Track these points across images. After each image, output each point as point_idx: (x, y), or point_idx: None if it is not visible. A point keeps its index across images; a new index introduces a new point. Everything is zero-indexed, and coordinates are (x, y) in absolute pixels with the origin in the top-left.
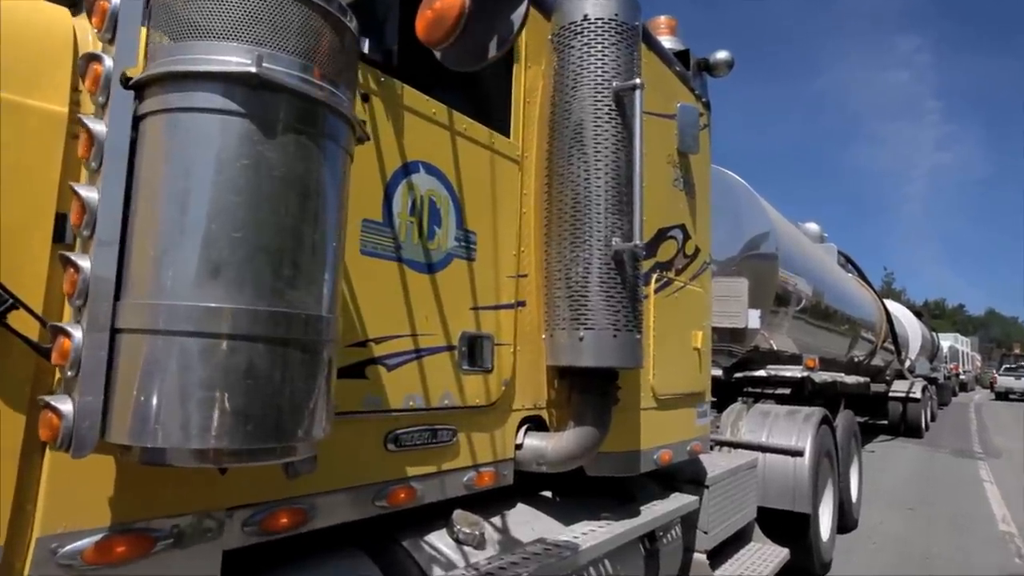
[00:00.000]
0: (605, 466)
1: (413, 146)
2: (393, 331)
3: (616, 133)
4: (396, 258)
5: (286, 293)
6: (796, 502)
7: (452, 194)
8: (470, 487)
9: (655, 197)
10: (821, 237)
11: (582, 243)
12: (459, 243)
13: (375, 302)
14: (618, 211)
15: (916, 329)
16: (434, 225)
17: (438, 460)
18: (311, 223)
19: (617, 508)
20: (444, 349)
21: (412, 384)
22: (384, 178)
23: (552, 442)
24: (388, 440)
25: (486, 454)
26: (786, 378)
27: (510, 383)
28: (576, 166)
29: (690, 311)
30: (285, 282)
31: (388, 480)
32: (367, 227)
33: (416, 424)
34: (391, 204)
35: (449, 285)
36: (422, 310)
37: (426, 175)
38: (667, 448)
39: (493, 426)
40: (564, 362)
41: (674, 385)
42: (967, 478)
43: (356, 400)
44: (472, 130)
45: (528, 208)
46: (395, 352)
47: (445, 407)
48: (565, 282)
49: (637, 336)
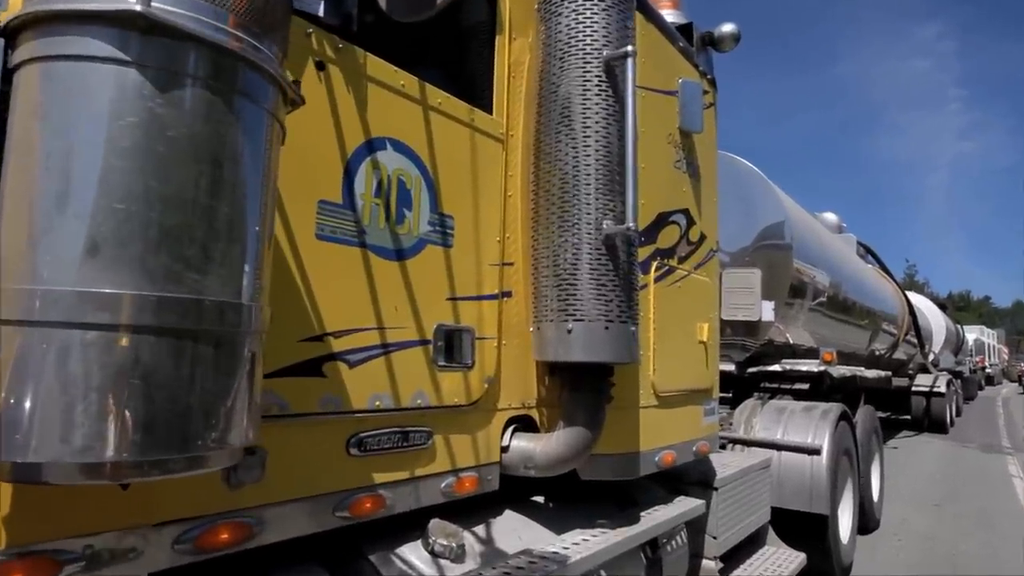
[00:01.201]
0: (600, 469)
1: (378, 121)
2: (356, 324)
3: (607, 107)
4: (359, 243)
5: (187, 277)
6: (813, 503)
7: (425, 174)
8: (449, 494)
9: (654, 179)
10: (839, 227)
11: (570, 227)
12: (433, 228)
13: (334, 292)
14: (609, 191)
15: (940, 321)
16: (404, 208)
17: (411, 465)
18: (222, 195)
19: (616, 514)
20: (417, 344)
21: (379, 382)
22: (343, 155)
23: (541, 444)
24: (351, 444)
25: (467, 458)
26: (802, 373)
27: (494, 380)
28: (564, 143)
29: (695, 302)
30: (186, 264)
31: (351, 488)
32: (324, 209)
33: (384, 426)
34: (352, 184)
35: (422, 274)
36: (391, 301)
37: (394, 153)
38: (670, 449)
39: (475, 427)
40: (551, 357)
41: (677, 381)
42: (995, 474)
43: (312, 400)
44: (448, 105)
45: (514, 191)
46: (358, 347)
47: (418, 407)
48: (553, 270)
49: (632, 328)
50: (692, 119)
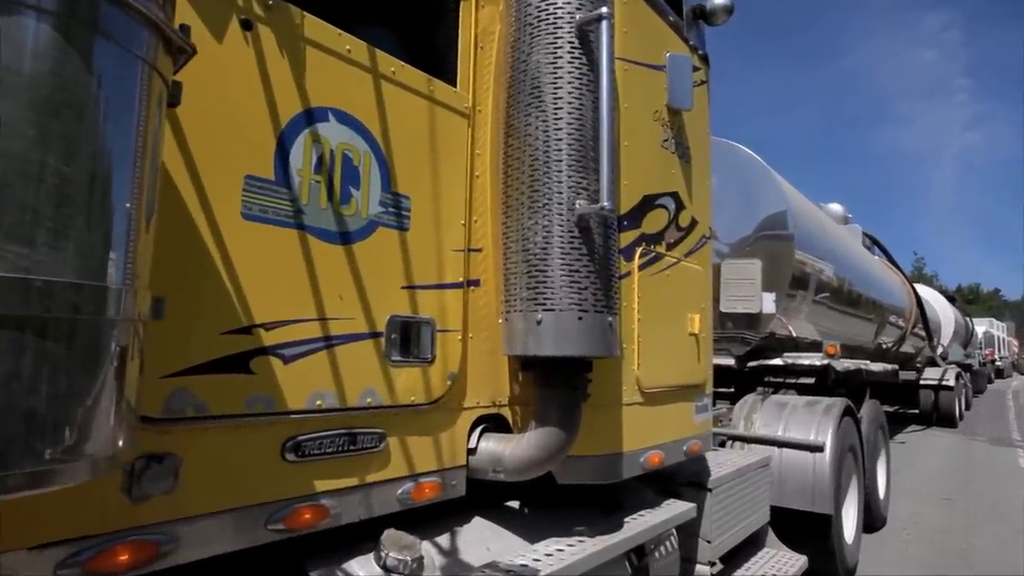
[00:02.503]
0: (578, 472)
1: (319, 89)
2: (291, 314)
3: (580, 76)
4: (295, 225)
5: (9, 251)
6: (816, 502)
7: (376, 150)
8: (406, 502)
9: (639, 158)
10: (845, 218)
11: (540, 207)
12: (386, 209)
13: (265, 278)
14: (583, 168)
15: (948, 314)
16: (350, 186)
17: (360, 471)
18: (66, 152)
19: (598, 520)
20: (366, 336)
21: (320, 379)
22: (276, 126)
23: (511, 446)
24: (287, 448)
25: (428, 462)
26: (805, 366)
27: (458, 377)
28: (533, 117)
29: (685, 291)
30: (6, 235)
31: (288, 498)
32: (252, 186)
33: (327, 428)
34: (287, 158)
35: (372, 259)
36: (334, 289)
37: (338, 125)
38: (657, 449)
39: (437, 428)
40: (519, 351)
41: (665, 376)
42: (1006, 467)
43: (237, 400)
44: (403, 75)
45: (482, 171)
46: (295, 340)
47: (368, 407)
48: (522, 255)
49: (609, 318)
50: (681, 96)
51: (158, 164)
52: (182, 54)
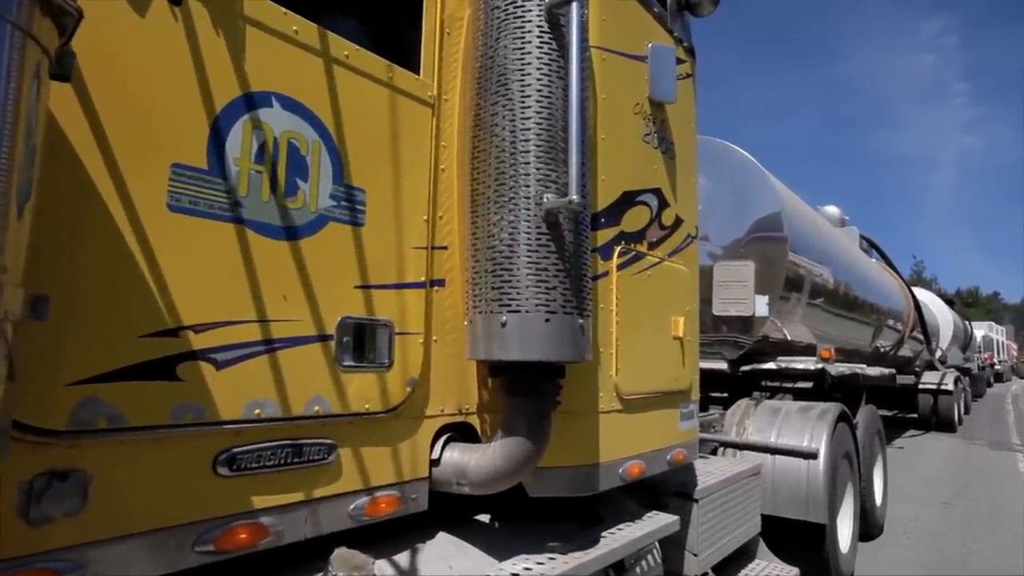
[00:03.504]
0: (551, 484)
1: (261, 72)
2: (226, 316)
3: (550, 62)
4: (232, 218)
5: None
6: (810, 511)
7: (327, 139)
8: (359, 518)
9: (618, 152)
10: (842, 221)
11: (507, 202)
12: (338, 203)
13: (195, 276)
14: (551, 160)
15: (947, 317)
16: (296, 178)
17: (306, 485)
18: None
19: (574, 535)
20: (313, 340)
21: (259, 386)
22: (209, 110)
23: (476, 457)
24: (219, 462)
25: (385, 474)
26: (799, 370)
27: (420, 383)
28: (500, 105)
29: (669, 292)
30: None
31: (219, 516)
32: (180, 175)
33: (267, 439)
34: (222, 146)
35: (322, 256)
36: (277, 288)
37: (283, 112)
38: (637, 459)
39: (395, 438)
40: (482, 355)
41: (646, 382)
42: (1005, 471)
43: (160, 410)
44: (358, 59)
45: (449, 164)
46: (229, 344)
47: (315, 416)
48: (487, 253)
49: (580, 320)
50: (663, 88)
51: (35, 144)
52: (65, 17)
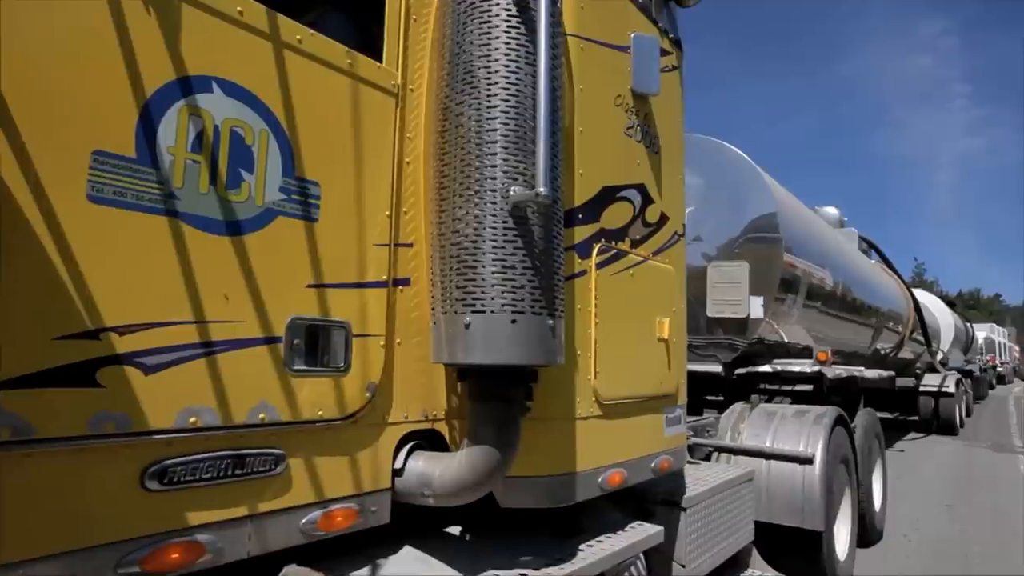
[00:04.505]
0: (524, 495)
1: (200, 55)
2: (157, 316)
3: (518, 47)
4: (165, 211)
5: None
6: (806, 518)
7: (277, 129)
8: (312, 533)
9: (597, 145)
10: (840, 222)
11: (472, 195)
12: (288, 196)
13: (119, 273)
14: (519, 151)
15: (948, 319)
16: (240, 169)
17: (250, 499)
18: None
19: (551, 548)
20: (259, 342)
21: (195, 393)
22: (139, 94)
23: (442, 466)
24: (148, 476)
25: (341, 485)
26: (795, 373)
27: (381, 388)
28: (466, 94)
29: (653, 292)
30: None
31: (148, 535)
32: (102, 162)
33: (204, 450)
34: (153, 133)
35: (269, 253)
36: (217, 286)
37: (225, 98)
38: (618, 468)
39: (353, 447)
40: (445, 358)
41: (628, 386)
42: (1008, 473)
43: (75, 420)
44: (313, 45)
45: (415, 157)
46: (159, 347)
47: (261, 424)
48: (452, 249)
49: (549, 321)
50: (647, 79)
51: None
52: None
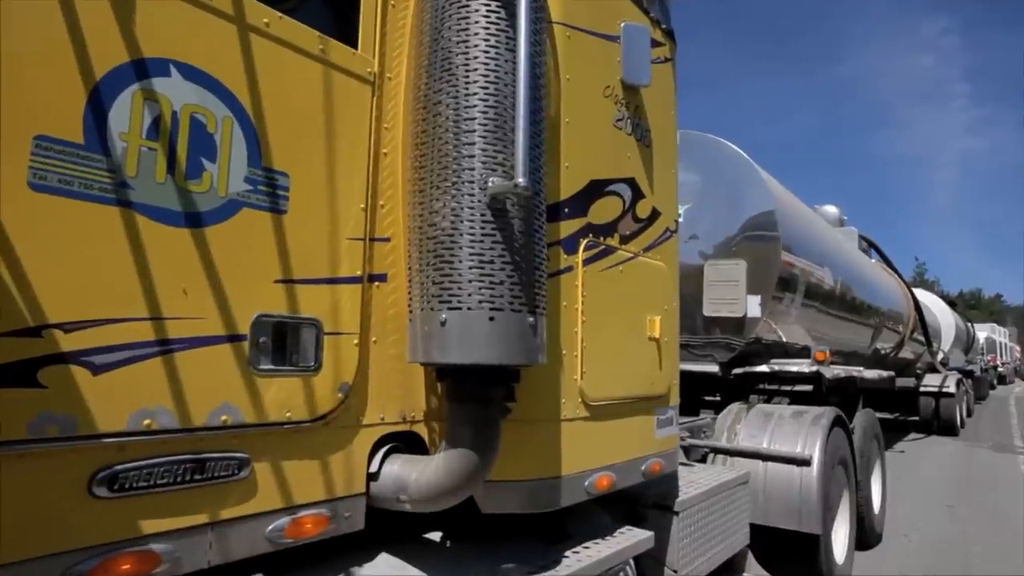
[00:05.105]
0: (506, 500)
1: (156, 36)
2: (107, 312)
3: (497, 32)
4: (117, 201)
5: None
6: (803, 521)
7: (242, 117)
8: (279, 540)
9: (584, 138)
10: (840, 220)
11: (449, 187)
12: (254, 187)
13: (65, 266)
14: (498, 140)
15: (949, 319)
16: (201, 158)
17: (212, 505)
18: None
19: (535, 555)
20: (221, 340)
21: (150, 393)
22: (87, 76)
23: (418, 470)
24: (97, 482)
25: (311, 491)
26: (793, 373)
27: (355, 388)
28: (445, 81)
29: (644, 290)
30: None
31: (96, 545)
32: (45, 148)
33: (160, 454)
34: (103, 118)
35: (233, 247)
36: (175, 281)
37: (185, 83)
38: (606, 471)
39: (325, 450)
40: (420, 358)
41: (616, 387)
42: (1008, 474)
43: (14, 423)
44: (281, 29)
45: (392, 148)
46: (110, 345)
47: (223, 426)
48: (428, 243)
49: (530, 319)
50: (637, 70)
51: None
52: None
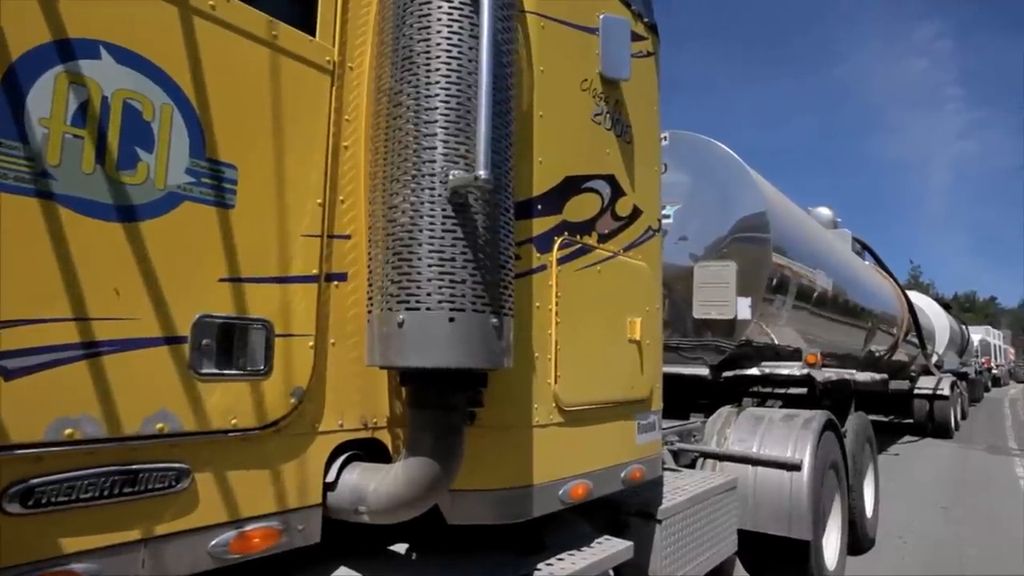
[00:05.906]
0: (473, 510)
1: (84, 15)
2: (22, 312)
3: (460, 19)
4: (36, 192)
5: None
6: (793, 526)
7: (183, 104)
8: (223, 556)
9: (559, 132)
10: (834, 222)
11: (409, 180)
12: (197, 180)
13: None
14: (460, 132)
15: (943, 321)
16: (136, 147)
17: (145, 520)
18: None
19: (506, 567)
20: (158, 342)
21: (73, 400)
22: (0, 56)
23: (377, 479)
24: (8, 497)
25: (260, 502)
26: (784, 376)
27: (310, 393)
28: (406, 70)
29: (623, 290)
30: None
31: (8, 567)
32: None
33: (84, 465)
34: (20, 102)
35: (172, 243)
36: (104, 280)
37: (117, 67)
38: (582, 479)
39: (275, 459)
40: (377, 361)
41: (594, 391)
42: (1003, 476)
43: None
44: (227, 12)
45: (354, 142)
46: (25, 348)
47: (159, 435)
48: (387, 240)
49: (493, 320)
50: (616, 63)
51: None
52: None
